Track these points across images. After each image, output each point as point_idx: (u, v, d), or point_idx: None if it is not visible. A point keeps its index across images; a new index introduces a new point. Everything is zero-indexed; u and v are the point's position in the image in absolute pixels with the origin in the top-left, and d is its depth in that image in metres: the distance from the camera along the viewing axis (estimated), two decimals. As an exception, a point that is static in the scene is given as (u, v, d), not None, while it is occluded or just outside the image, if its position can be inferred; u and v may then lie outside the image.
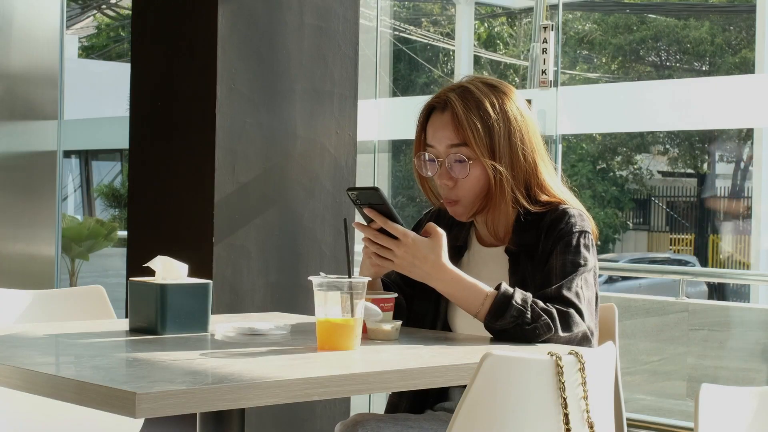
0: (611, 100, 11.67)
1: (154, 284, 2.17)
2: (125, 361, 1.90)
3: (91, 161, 18.34)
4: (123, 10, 20.07)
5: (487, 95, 2.30)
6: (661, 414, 4.52)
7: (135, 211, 3.91)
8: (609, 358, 1.89)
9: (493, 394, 1.69)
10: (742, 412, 1.75)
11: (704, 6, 21.11)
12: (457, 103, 2.28)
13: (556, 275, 2.21)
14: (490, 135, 2.27)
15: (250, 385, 1.66)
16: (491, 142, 2.27)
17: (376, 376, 1.82)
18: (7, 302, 2.68)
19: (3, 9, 4.63)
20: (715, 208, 21.99)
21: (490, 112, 2.27)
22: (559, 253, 2.24)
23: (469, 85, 2.32)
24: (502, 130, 2.27)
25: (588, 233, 2.28)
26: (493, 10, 19.90)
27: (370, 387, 1.85)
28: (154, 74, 3.83)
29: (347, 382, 1.78)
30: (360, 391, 1.82)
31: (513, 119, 2.29)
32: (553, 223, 2.27)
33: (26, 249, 4.75)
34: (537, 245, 2.28)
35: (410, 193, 17.89)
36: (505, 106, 2.30)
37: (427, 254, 2.15)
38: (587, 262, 2.24)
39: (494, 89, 2.32)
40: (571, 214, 2.27)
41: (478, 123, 2.26)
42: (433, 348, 2.12)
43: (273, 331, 2.16)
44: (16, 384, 1.76)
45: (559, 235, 2.25)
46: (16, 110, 4.72)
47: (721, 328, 7.07)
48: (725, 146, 22.45)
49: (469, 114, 2.27)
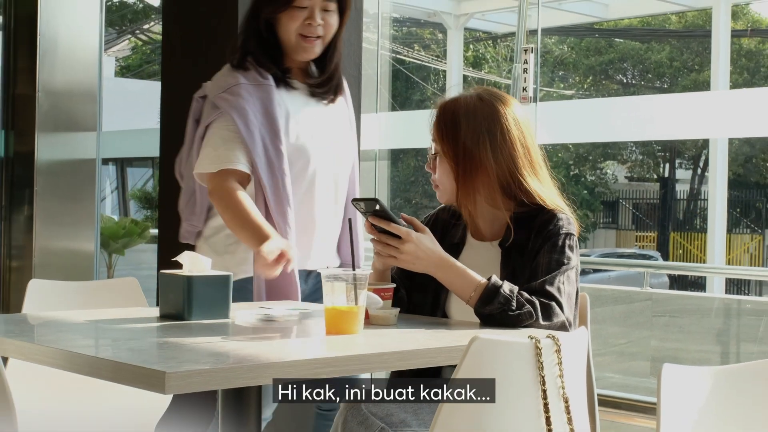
0: (583, 114, 11.67)
1: (182, 276, 2.17)
2: (156, 343, 1.90)
3: (126, 168, 18.33)
4: (154, 35, 20.06)
5: (473, 103, 2.31)
6: (628, 390, 4.52)
7: (165, 212, 3.90)
8: (582, 341, 1.89)
9: (480, 372, 1.69)
10: (699, 389, 1.75)
11: (665, 31, 21.09)
12: (441, 113, 2.32)
13: (542, 271, 2.21)
14: (455, 140, 2.29)
15: (266, 365, 1.66)
16: (456, 146, 2.29)
17: (377, 357, 1.82)
18: (52, 292, 2.68)
19: (49, 34, 4.63)
20: (675, 209, 21.99)
21: (461, 125, 2.29)
22: (546, 252, 2.24)
23: (461, 98, 2.33)
24: (467, 142, 2.28)
25: (573, 235, 2.28)
26: (479, 35, 19.89)
27: (371, 366, 1.85)
28: (182, 91, 3.82)
29: (352, 362, 1.77)
30: (363, 370, 1.82)
31: (485, 133, 2.28)
32: (543, 225, 2.27)
33: (69, 245, 4.75)
34: (527, 243, 2.28)
35: (407, 195, 17.87)
36: (484, 121, 2.29)
37: (431, 247, 2.19)
38: (570, 261, 2.24)
39: (483, 100, 2.32)
40: (560, 218, 2.28)
41: (450, 132, 2.29)
42: (428, 332, 2.12)
43: (286, 317, 2.16)
44: (61, 364, 1.76)
45: (547, 235, 2.25)
46: (60, 123, 4.72)
47: (680, 315, 7.07)
48: (683, 154, 22.45)
49: (446, 123, 2.30)
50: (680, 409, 1.71)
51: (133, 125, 14.54)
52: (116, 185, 18.06)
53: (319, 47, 2.71)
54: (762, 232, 20.35)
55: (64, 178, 4.73)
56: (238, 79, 2.64)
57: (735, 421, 1.74)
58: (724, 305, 7.21)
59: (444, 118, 2.32)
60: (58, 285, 2.69)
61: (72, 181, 4.77)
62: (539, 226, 2.27)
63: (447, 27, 12.96)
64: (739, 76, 19.71)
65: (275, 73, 2.68)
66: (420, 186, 17.86)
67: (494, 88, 2.44)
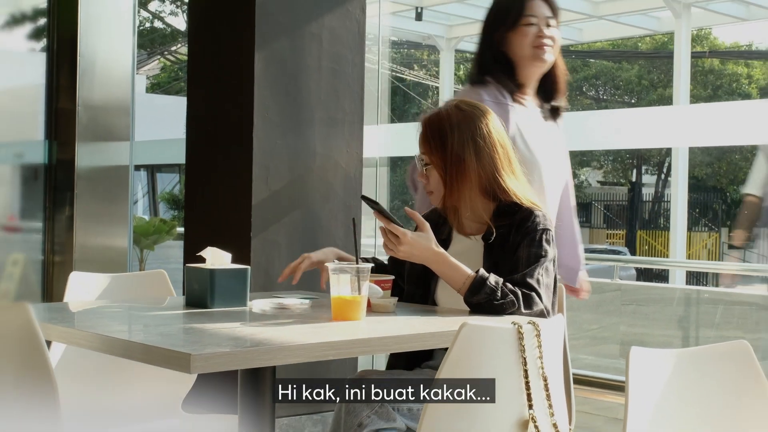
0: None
1: (205, 269, 2.17)
2: (182, 329, 1.90)
3: (155, 173, 18.32)
4: (181, 56, 20.06)
5: (454, 115, 2.30)
6: (600, 370, 4.52)
7: (190, 213, 3.90)
8: (559, 326, 1.89)
9: (469, 354, 1.69)
10: (663, 369, 1.75)
11: (633, 53, 21.08)
12: (427, 127, 2.31)
13: (522, 264, 2.21)
14: (443, 149, 2.28)
15: (280, 348, 1.66)
16: (444, 154, 2.28)
17: (377, 341, 1.82)
18: (90, 283, 2.67)
19: (88, 55, 4.63)
20: (641, 210, 21.97)
21: (447, 130, 2.28)
22: (525, 246, 2.23)
23: (445, 107, 2.33)
24: (454, 149, 2.27)
25: (550, 230, 2.27)
26: (468, 56, 19.88)
27: (372, 349, 1.85)
28: (205, 106, 3.82)
29: (355, 345, 1.77)
30: (365, 352, 1.82)
31: (470, 139, 2.27)
32: (522, 221, 2.26)
33: (105, 242, 4.74)
34: (508, 237, 2.27)
35: (404, 198, 17.86)
36: (467, 129, 2.28)
37: (425, 244, 2.19)
38: (548, 254, 2.23)
39: (462, 111, 2.31)
40: (537, 215, 2.27)
41: (438, 143, 2.28)
42: (422, 319, 2.12)
43: (297, 306, 2.16)
44: (98, 347, 1.76)
45: (526, 231, 2.25)
46: (98, 134, 4.72)
47: (646, 304, 7.06)
48: (649, 161, 22.43)
49: (433, 135, 2.29)
50: (646, 386, 1.71)
51: (162, 135, 14.53)
52: (147, 189, 18.05)
53: (550, 55, 2.70)
54: (718, 230, 20.35)
55: (101, 183, 4.73)
56: (481, 96, 2.64)
57: (694, 397, 1.75)
58: (684, 295, 7.21)
59: (431, 131, 2.30)
60: (95, 277, 2.69)
61: (108, 185, 4.77)
62: (518, 223, 2.27)
63: (440, 49, 12.96)
64: (704, 90, 19.72)
65: (511, 89, 2.69)
66: (416, 189, 17.83)
67: (469, 99, 2.43)
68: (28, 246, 4.78)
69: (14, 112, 4.98)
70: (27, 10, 5.00)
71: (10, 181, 4.94)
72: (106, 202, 4.75)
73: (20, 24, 4.97)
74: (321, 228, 3.76)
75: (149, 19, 20.32)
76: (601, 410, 4.35)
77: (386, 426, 2.02)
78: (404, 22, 11.77)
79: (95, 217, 4.69)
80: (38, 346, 1.69)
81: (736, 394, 1.73)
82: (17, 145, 4.88)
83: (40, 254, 4.74)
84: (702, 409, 1.74)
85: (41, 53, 4.80)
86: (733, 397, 1.73)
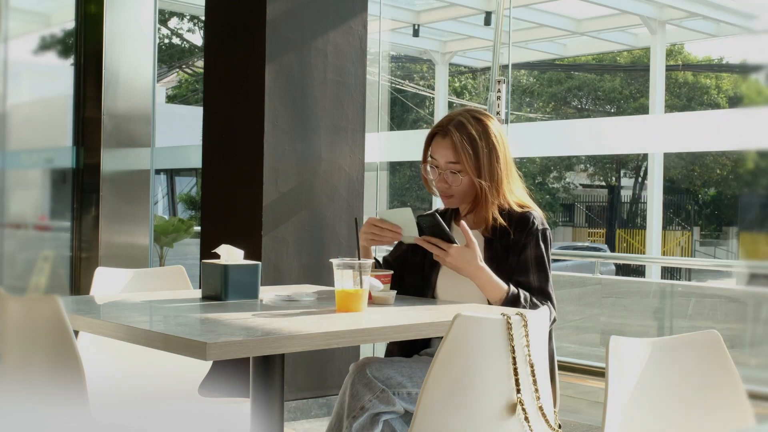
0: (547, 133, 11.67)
1: (220, 265, 2.17)
2: (199, 319, 1.90)
3: (174, 177, 18.32)
4: (198, 69, 20.06)
5: (475, 127, 2.30)
6: (582, 357, 4.52)
7: (206, 213, 3.91)
8: (545, 317, 1.89)
9: (463, 343, 1.69)
10: (640, 356, 1.75)
11: (614, 66, 21.07)
12: (455, 134, 2.28)
13: (532, 265, 2.26)
14: (477, 158, 2.28)
15: (289, 337, 1.66)
16: (477, 163, 2.28)
17: (378, 330, 1.82)
18: (114, 278, 2.67)
19: (112, 68, 4.63)
20: (620, 210, 21.96)
21: (477, 141, 2.28)
22: (532, 247, 2.28)
23: (462, 119, 2.31)
24: (484, 154, 2.28)
25: (548, 230, 2.33)
26: (462, 69, 19.88)
27: (374, 338, 1.85)
28: (220, 115, 3.83)
29: (357, 335, 1.77)
30: (366, 340, 1.82)
31: (493, 144, 2.29)
32: (522, 222, 2.30)
33: (128, 239, 4.75)
34: (508, 235, 2.30)
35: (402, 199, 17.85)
36: (488, 134, 2.30)
37: (470, 260, 2.20)
38: (549, 254, 2.30)
39: (479, 121, 2.31)
40: (535, 216, 2.31)
41: (470, 149, 2.27)
42: (419, 310, 2.12)
43: (304, 298, 2.16)
44: (121, 336, 1.76)
45: (529, 232, 2.28)
46: (121, 140, 4.72)
47: (624, 296, 7.06)
48: (628, 166, 22.42)
49: (463, 143, 2.27)
50: (624, 372, 1.71)
51: (181, 142, 14.54)
52: (167, 191, 18.05)
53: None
54: (691, 229, 20.36)
55: (124, 185, 4.74)
56: None
57: (668, 382, 1.75)
58: (660, 288, 7.21)
59: (460, 143, 2.28)
60: (119, 272, 2.69)
61: (131, 188, 4.77)
62: (517, 222, 2.30)
63: (435, 62, 12.95)
64: (678, 101, 19.72)
65: None
66: (413, 191, 17.86)
67: (477, 108, 2.43)
68: (58, 243, 4.78)
69: (45, 121, 4.98)
70: (57, 31, 5.02)
71: (41, 184, 4.95)
72: (128, 203, 4.75)
73: (52, 44, 4.99)
74: (326, 227, 3.76)
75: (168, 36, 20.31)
76: (584, 394, 4.35)
77: (386, 410, 2.02)
78: (402, 38, 11.78)
79: (119, 217, 4.69)
80: (67, 336, 1.69)
81: (707, 379, 1.73)
82: (47, 151, 4.88)
83: (69, 251, 4.75)
84: (675, 393, 1.74)
85: (70, 67, 4.80)
86: (705, 382, 1.73)
